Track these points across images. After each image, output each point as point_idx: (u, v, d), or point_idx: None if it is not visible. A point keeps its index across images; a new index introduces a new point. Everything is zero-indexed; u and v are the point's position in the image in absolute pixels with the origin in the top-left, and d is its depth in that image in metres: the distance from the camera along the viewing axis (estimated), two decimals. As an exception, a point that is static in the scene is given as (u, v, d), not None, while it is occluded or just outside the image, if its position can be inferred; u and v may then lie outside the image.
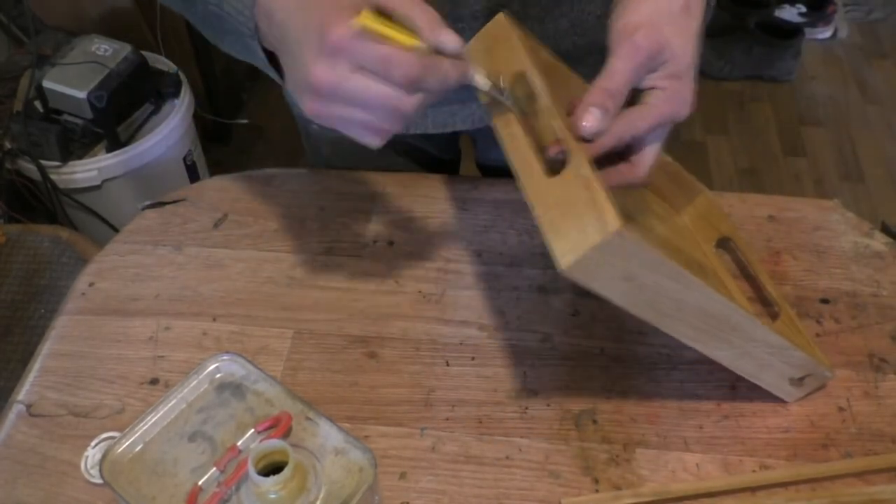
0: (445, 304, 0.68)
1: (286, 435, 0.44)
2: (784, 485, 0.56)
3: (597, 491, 0.56)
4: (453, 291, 0.69)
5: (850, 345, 0.65)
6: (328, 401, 0.62)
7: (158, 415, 0.46)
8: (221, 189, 0.80)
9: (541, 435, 0.60)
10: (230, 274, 0.72)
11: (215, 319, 0.68)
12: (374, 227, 0.75)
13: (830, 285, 0.69)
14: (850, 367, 0.64)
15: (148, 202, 0.78)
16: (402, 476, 0.58)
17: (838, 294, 0.69)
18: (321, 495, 0.42)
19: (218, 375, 0.48)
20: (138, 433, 0.46)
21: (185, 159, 1.55)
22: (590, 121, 0.47)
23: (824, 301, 0.68)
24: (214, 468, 0.43)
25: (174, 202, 0.78)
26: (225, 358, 0.48)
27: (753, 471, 0.57)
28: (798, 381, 0.59)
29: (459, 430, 0.60)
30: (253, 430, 0.45)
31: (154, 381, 0.64)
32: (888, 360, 0.64)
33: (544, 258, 0.70)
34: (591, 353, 0.65)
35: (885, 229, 0.75)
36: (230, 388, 0.47)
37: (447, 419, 0.61)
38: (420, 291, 0.69)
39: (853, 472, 0.57)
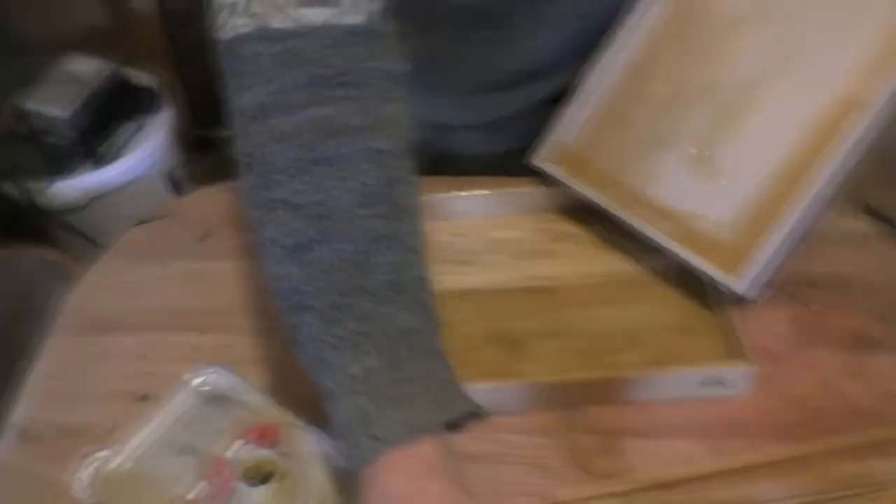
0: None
1: (274, 445, 0.44)
2: (774, 465, 0.56)
3: (588, 482, 0.57)
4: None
5: (837, 325, 0.65)
6: (316, 407, 0.62)
7: (146, 431, 0.46)
8: (206, 202, 0.80)
9: (531, 431, 0.60)
10: (217, 286, 0.72)
11: (204, 332, 0.68)
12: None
13: (816, 268, 0.70)
14: (836, 348, 0.64)
15: (135, 221, 0.78)
16: (396, 478, 0.58)
17: (825, 277, 0.69)
18: (311, 503, 0.42)
19: (204, 389, 0.48)
20: (127, 451, 0.46)
21: (170, 174, 1.55)
22: None
23: (810, 284, 0.69)
24: (204, 481, 0.44)
25: (159, 218, 0.78)
26: (210, 371, 0.48)
27: (744, 453, 0.58)
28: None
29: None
30: (241, 442, 0.45)
31: (144, 398, 0.64)
32: (875, 338, 0.64)
33: (528, 254, 0.70)
34: (578, 346, 0.65)
35: (869, 210, 0.75)
36: (217, 401, 0.47)
37: (438, 419, 0.61)
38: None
39: (842, 449, 0.57)
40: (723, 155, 0.65)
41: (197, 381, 0.48)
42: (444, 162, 0.82)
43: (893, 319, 0.65)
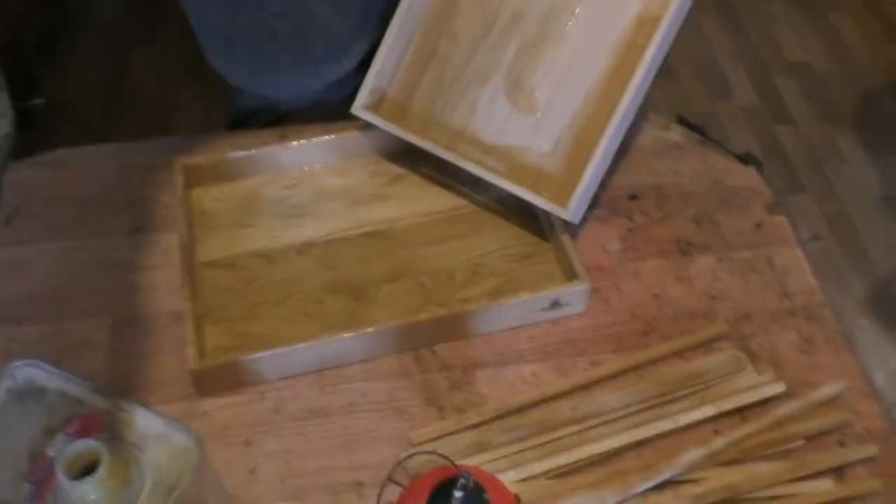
0: (269, 262, 0.67)
1: (98, 433, 0.42)
2: (612, 377, 0.59)
3: (442, 419, 0.58)
4: (276, 248, 0.67)
5: (659, 234, 0.69)
6: (158, 384, 0.59)
7: (-45, 439, 0.42)
8: (8, 182, 0.73)
9: (382, 376, 0.60)
10: (32, 271, 0.67)
11: (21, 323, 0.63)
12: (183, 196, 0.71)
13: (637, 181, 0.73)
14: (661, 256, 0.67)
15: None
16: (247, 443, 0.57)
17: (645, 188, 0.72)
18: (147, 485, 0.41)
19: (16, 384, 0.44)
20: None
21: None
22: None
23: (633, 197, 0.72)
24: (25, 482, 0.41)
25: (-45, 203, 0.71)
26: (19, 364, 0.45)
27: (585, 369, 0.60)
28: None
29: (301, 387, 0.60)
30: (62, 434, 0.42)
31: (-39, 401, 0.59)
32: (694, 242, 0.68)
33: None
34: (421, 286, 0.65)
35: (681, 121, 0.79)
36: (32, 395, 0.44)
37: (286, 378, 0.60)
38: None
39: (672, 352, 0.61)
40: (536, 86, 0.66)
41: (5, 377, 0.44)
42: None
43: (707, 222, 0.70)
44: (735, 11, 2.06)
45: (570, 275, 0.63)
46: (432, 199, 0.71)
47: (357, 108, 0.69)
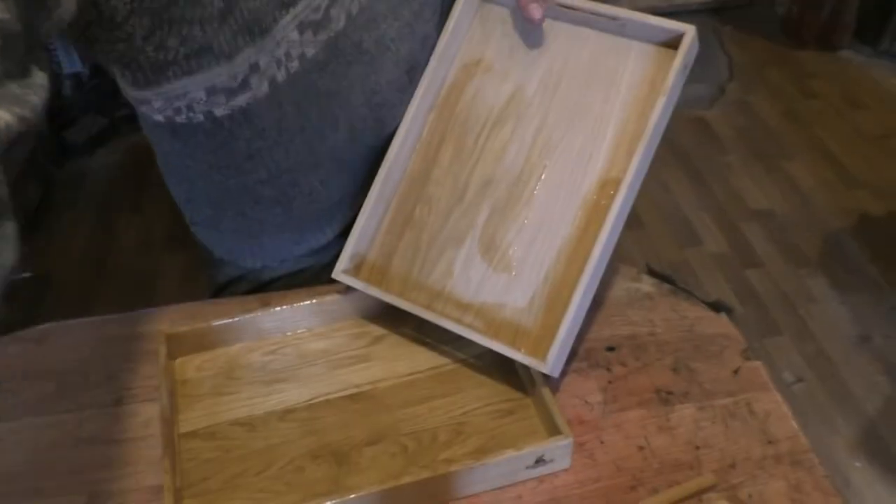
0: (251, 430, 0.66)
1: None
2: (602, 535, 0.58)
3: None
4: (257, 415, 0.67)
5: (639, 384, 0.70)
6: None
7: None
8: (-12, 356, 0.73)
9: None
10: (7, 448, 0.66)
11: (-7, 504, 0.61)
12: (165, 366, 0.71)
13: (612, 332, 0.74)
14: (642, 406, 0.68)
15: None
16: None
17: (620, 339, 0.74)
18: None
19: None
20: None
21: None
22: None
23: (610, 349, 0.73)
24: None
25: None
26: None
27: (574, 528, 0.59)
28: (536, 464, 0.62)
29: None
30: None
31: None
32: (673, 391, 0.69)
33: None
34: (404, 448, 0.65)
35: (651, 271, 0.81)
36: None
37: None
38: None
39: (661, 505, 0.60)
40: (509, 246, 0.69)
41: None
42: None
43: (685, 370, 0.71)
44: (694, 165, 2.17)
45: (553, 430, 0.63)
46: (414, 359, 0.72)
47: (338, 273, 0.72)
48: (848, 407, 1.55)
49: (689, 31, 0.65)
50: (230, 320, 0.72)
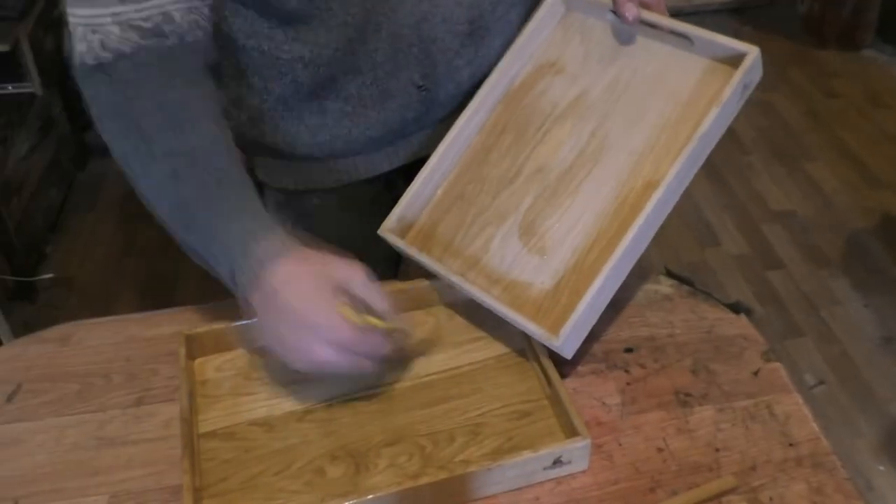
0: (269, 430, 0.66)
1: None
2: (621, 537, 0.58)
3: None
4: (276, 416, 0.67)
5: (658, 386, 0.69)
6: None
7: None
8: (12, 358, 0.74)
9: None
10: (30, 448, 0.66)
11: (17, 502, 0.62)
12: (185, 367, 0.72)
13: (631, 334, 0.74)
14: (661, 408, 0.67)
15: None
16: None
17: (639, 341, 0.73)
18: None
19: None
20: None
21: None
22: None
23: (628, 350, 0.73)
24: None
25: (-42, 383, 0.72)
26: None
27: (592, 530, 0.59)
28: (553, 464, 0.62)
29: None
30: None
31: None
32: (692, 393, 0.69)
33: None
34: (422, 449, 0.65)
35: (669, 273, 0.81)
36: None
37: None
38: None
39: (680, 508, 0.59)
40: (546, 231, 0.71)
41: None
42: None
43: (704, 372, 0.70)
44: (715, 165, 2.16)
45: (570, 431, 0.63)
46: (431, 361, 0.72)
47: (384, 231, 0.75)
48: (871, 409, 1.54)
49: (752, 51, 0.67)
50: (249, 321, 0.72)
